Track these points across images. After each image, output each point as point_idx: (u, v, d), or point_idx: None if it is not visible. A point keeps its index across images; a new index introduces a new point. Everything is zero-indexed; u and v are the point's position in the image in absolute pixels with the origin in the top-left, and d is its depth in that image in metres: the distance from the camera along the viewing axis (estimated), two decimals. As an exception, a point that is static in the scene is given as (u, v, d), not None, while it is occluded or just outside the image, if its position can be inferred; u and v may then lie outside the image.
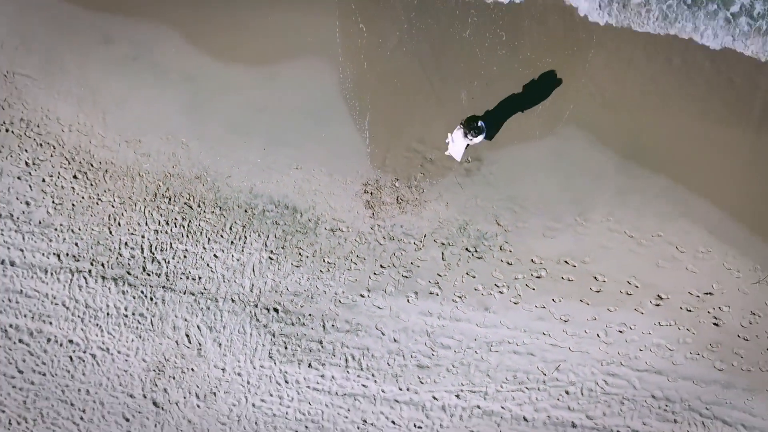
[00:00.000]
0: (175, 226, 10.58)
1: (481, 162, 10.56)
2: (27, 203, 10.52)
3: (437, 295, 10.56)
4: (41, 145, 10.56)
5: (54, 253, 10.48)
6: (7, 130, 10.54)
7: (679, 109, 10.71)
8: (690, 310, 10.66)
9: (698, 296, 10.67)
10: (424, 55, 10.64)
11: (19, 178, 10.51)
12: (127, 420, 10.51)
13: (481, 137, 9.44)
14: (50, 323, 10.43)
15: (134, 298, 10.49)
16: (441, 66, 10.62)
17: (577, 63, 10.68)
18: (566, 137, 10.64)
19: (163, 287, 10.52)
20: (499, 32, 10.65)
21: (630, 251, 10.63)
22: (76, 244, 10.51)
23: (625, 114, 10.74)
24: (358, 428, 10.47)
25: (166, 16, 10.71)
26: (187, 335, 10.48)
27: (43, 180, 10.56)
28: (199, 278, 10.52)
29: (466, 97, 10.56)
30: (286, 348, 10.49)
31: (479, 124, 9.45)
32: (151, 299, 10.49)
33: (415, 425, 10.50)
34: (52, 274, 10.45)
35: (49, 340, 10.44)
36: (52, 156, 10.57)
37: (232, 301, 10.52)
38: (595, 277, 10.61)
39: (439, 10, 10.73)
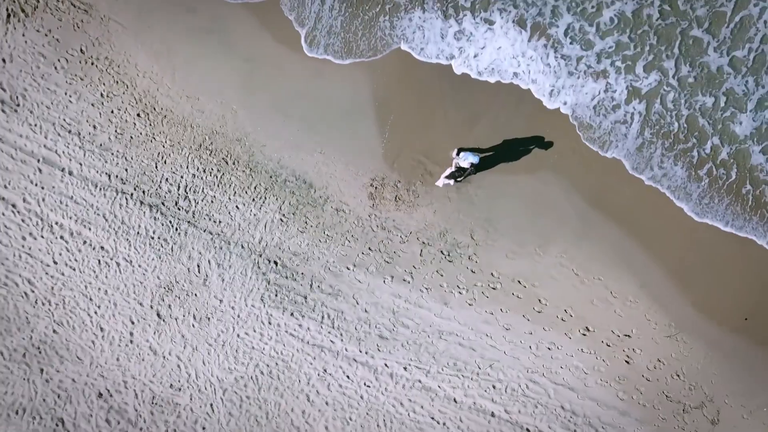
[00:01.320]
0: (210, 175, 12.67)
1: (470, 184, 12.71)
2: (94, 127, 12.57)
3: (409, 282, 12.72)
4: (117, 82, 12.62)
5: (106, 173, 12.54)
6: (92, 64, 12.57)
7: (639, 180, 12.93)
8: (609, 346, 12.86)
9: (618, 336, 12.87)
10: (446, 90, 12.78)
11: (92, 104, 12.56)
12: (132, 323, 12.57)
13: (469, 161, 11.68)
14: (89, 229, 12.47)
15: (162, 225, 12.57)
16: (457, 102, 12.77)
17: (566, 126, 12.86)
18: (545, 180, 12.81)
19: (188, 222, 12.60)
20: (507, 98, 12.83)
21: (573, 286, 12.82)
22: (126, 170, 12.57)
23: (597, 172, 12.92)
24: (318, 374, 12.59)
25: (251, 3, 12.75)
26: (198, 266, 12.57)
27: (112, 111, 12.61)
28: (220, 222, 12.62)
29: (470, 132, 12.72)
30: (276, 296, 12.61)
31: (473, 157, 11.74)
32: (176, 229, 12.57)
33: (365, 383, 12.64)
34: (100, 189, 12.50)
35: (85, 242, 12.48)
36: (123, 93, 12.63)
37: (242, 247, 12.62)
38: (539, 300, 12.80)
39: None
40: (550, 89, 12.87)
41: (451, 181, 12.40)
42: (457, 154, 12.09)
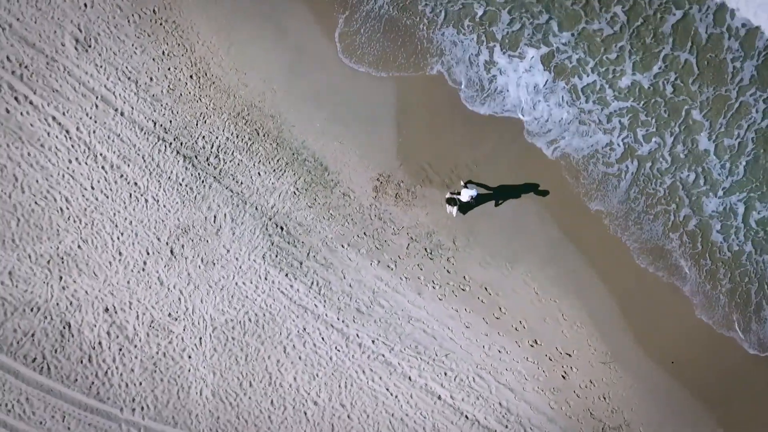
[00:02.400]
0: (241, 141, 14.48)
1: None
2: (150, 79, 14.34)
3: (392, 269, 14.58)
4: (178, 44, 14.40)
5: (152, 120, 14.31)
6: (160, 24, 14.35)
7: (607, 236, 14.86)
8: (551, 360, 14.77)
9: (561, 353, 14.78)
10: (458, 115, 14.64)
11: (153, 59, 14.33)
12: (147, 254, 14.33)
13: (469, 194, 13.55)
14: (128, 165, 14.24)
15: (191, 175, 14.35)
16: (465, 126, 14.64)
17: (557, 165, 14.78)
18: (525, 207, 14.70)
19: (214, 177, 14.40)
20: (510, 130, 14.74)
21: (530, 302, 14.73)
22: (170, 121, 14.35)
23: (574, 210, 14.79)
24: (298, 331, 14.42)
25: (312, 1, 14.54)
26: (215, 217, 14.37)
27: (169, 69, 14.38)
28: (241, 183, 14.42)
29: (471, 161, 14.58)
30: (276, 256, 14.43)
31: (472, 193, 13.60)
32: (203, 181, 14.36)
33: (336, 347, 14.47)
34: (145, 133, 14.28)
35: (122, 176, 14.24)
36: (182, 55, 14.41)
37: (256, 209, 14.43)
38: (500, 308, 14.69)
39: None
40: (553, 135, 14.72)
41: (455, 211, 14.18)
42: (465, 185, 13.98)
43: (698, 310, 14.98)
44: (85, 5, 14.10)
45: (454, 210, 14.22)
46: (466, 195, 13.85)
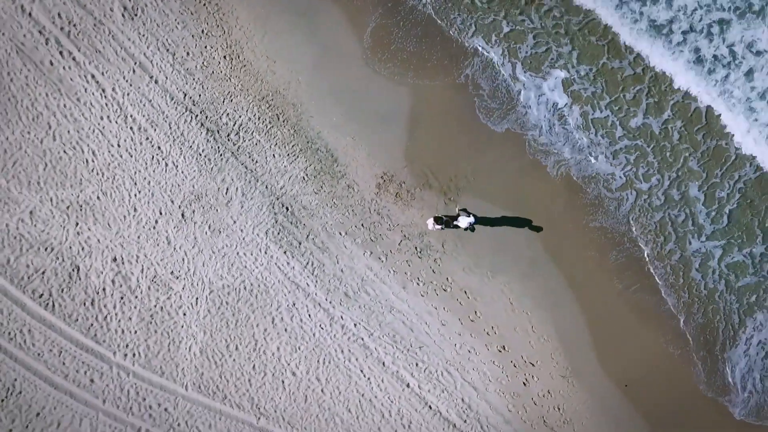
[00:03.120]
0: (262, 123, 15.60)
1: (456, 203, 15.76)
2: (187, 53, 15.47)
3: (382, 261, 15.74)
4: (217, 26, 15.52)
5: (183, 92, 15.42)
6: (204, 4, 15.46)
7: (591, 257, 16.06)
8: (515, 366, 15.96)
9: (525, 361, 15.97)
10: (466, 129, 15.81)
11: (192, 36, 15.45)
12: (160, 213, 15.43)
13: (466, 223, 14.70)
14: (154, 129, 15.35)
15: (212, 147, 15.47)
16: (474, 140, 15.81)
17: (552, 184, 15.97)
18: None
19: (232, 153, 15.52)
20: (514, 145, 15.94)
21: (505, 311, 15.91)
22: (199, 95, 15.47)
23: (562, 230, 15.95)
24: (288, 305, 15.56)
25: (346, 3, 15.68)
26: (227, 189, 15.49)
27: (205, 47, 15.50)
28: (256, 162, 15.55)
29: (470, 172, 15.76)
30: (278, 234, 15.56)
31: (470, 218, 14.75)
32: (221, 155, 15.48)
33: (320, 325, 15.63)
34: (174, 102, 15.38)
35: (147, 138, 15.35)
36: (219, 36, 15.53)
37: (266, 187, 15.56)
38: (476, 312, 15.87)
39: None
40: (560, 155, 15.93)
41: (440, 227, 15.23)
42: (460, 212, 15.00)
43: (665, 339, 16.18)
44: (137, -23, 15.21)
45: (437, 226, 15.18)
46: (464, 222, 14.92)
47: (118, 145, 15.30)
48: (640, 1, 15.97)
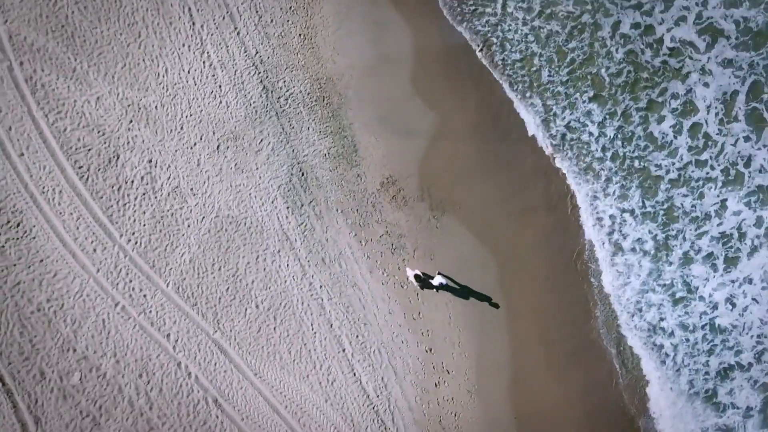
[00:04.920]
0: (309, 98, 18.42)
1: (438, 221, 18.69)
2: (271, 20, 18.24)
3: (362, 245, 18.63)
4: (303, 8, 18.39)
5: (256, 50, 18.20)
6: (299, -13, 18.30)
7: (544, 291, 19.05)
8: (433, 368, 18.89)
9: (443, 368, 18.88)
10: (479, 163, 18.74)
11: (281, 8, 18.26)
12: (200, 139, 18.15)
13: (438, 281, 17.78)
14: (222, 70, 18.09)
15: (262, 102, 18.24)
16: (479, 175, 18.74)
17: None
18: (481, 254, 18.81)
19: (276, 113, 18.33)
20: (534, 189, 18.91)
21: (442, 321, 18.81)
22: (268, 57, 18.26)
23: (521, 270, 18.92)
24: (273, 251, 18.35)
25: (406, 11, 18.51)
26: (261, 140, 18.28)
27: (288, 21, 18.31)
28: (293, 127, 18.38)
29: (464, 201, 18.70)
30: (288, 191, 18.39)
31: (441, 281, 17.77)
32: (267, 111, 18.26)
33: (293, 276, 18.43)
34: (246, 55, 18.12)
35: (213, 75, 18.05)
36: (302, 16, 18.38)
37: (293, 150, 18.39)
38: (420, 312, 18.76)
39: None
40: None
41: (417, 284, 18.17)
42: (438, 273, 18.09)
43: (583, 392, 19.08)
44: (255, -55, 17.98)
45: (415, 282, 18.11)
46: (437, 281, 17.95)
47: (188, 72, 18.03)
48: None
